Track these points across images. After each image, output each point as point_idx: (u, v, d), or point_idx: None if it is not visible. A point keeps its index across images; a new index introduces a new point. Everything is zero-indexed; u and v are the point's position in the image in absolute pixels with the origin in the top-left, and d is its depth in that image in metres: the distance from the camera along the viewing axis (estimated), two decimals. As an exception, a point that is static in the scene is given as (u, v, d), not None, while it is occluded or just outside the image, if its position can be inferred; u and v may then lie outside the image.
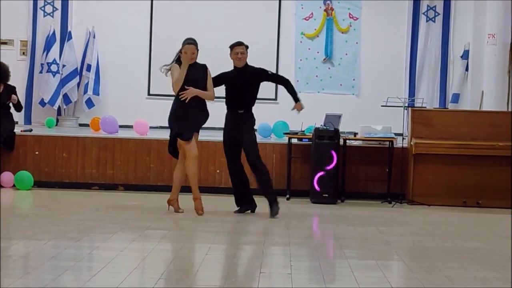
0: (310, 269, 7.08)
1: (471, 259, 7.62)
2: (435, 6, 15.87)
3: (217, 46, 15.64)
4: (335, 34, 16.00)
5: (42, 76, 15.44)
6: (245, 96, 10.06)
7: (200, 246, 7.92)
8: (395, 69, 15.90)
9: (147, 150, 12.22)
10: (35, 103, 15.56)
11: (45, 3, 15.71)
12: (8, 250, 7.31)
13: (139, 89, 15.62)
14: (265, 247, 7.91)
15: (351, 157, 12.03)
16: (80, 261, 6.93)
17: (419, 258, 7.75)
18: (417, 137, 11.75)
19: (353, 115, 14.05)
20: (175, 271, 6.75)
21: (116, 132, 13.20)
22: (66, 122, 15.56)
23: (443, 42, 15.89)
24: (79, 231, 8.35)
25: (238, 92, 10.05)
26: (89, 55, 15.55)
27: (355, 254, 7.77)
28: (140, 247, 7.91)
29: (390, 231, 9.33)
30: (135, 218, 9.52)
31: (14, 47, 15.69)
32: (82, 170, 12.22)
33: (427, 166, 11.69)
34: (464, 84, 15.53)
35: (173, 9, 15.87)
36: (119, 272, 6.42)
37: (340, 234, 9.07)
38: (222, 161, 11.88)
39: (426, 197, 11.66)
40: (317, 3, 16.01)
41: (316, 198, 11.51)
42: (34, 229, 8.43)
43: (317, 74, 15.99)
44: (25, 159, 12.18)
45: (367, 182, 12.10)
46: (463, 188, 11.62)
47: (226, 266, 6.91)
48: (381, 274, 6.82)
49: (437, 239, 8.76)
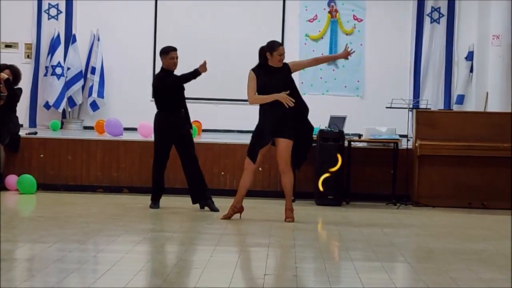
0: (315, 271, 7.07)
1: (476, 261, 7.61)
2: (439, 8, 15.86)
3: (221, 48, 15.74)
4: (340, 35, 15.99)
5: (47, 79, 15.46)
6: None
7: (204, 248, 7.92)
8: (399, 70, 15.89)
9: (152, 152, 12.19)
10: (39, 106, 15.58)
11: (50, 6, 15.72)
12: (13, 253, 7.33)
13: (144, 91, 15.60)
14: (269, 249, 7.90)
15: (356, 159, 12.01)
16: (85, 264, 6.93)
17: (424, 259, 7.74)
18: (422, 139, 11.73)
19: (358, 117, 14.05)
20: (179, 273, 6.75)
21: (121, 135, 13.20)
22: (70, 124, 15.57)
23: (448, 44, 15.87)
24: (84, 234, 8.36)
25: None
26: (94, 58, 15.57)
27: (360, 256, 7.76)
28: (145, 250, 7.92)
29: (395, 233, 9.32)
30: (139, 221, 9.52)
31: (18, 50, 15.71)
32: (87, 172, 12.23)
33: (432, 167, 11.68)
34: (468, 85, 15.52)
35: (177, 12, 15.89)
36: (124, 275, 6.42)
37: (345, 236, 9.06)
38: (227, 163, 11.92)
39: (431, 199, 11.65)
40: (321, 4, 16.01)
41: (321, 200, 11.50)
42: (39, 232, 8.44)
43: (322, 76, 15.98)
44: (30, 162, 12.19)
45: (372, 184, 12.08)
46: (468, 190, 11.60)
47: (231, 269, 6.90)
48: (386, 276, 6.82)
49: (442, 241, 8.74)
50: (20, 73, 12.53)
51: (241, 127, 15.42)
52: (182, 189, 11.12)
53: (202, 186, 10.43)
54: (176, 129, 10.36)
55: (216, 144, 12.17)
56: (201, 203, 10.42)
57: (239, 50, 15.67)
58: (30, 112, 15.55)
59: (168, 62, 10.47)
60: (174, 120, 10.35)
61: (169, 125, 10.36)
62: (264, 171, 11.92)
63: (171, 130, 10.36)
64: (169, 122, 10.35)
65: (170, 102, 10.40)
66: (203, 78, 10.71)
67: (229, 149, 12.08)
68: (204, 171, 10.65)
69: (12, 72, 12.32)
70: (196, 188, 10.41)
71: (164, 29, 15.85)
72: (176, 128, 10.36)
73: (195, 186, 10.41)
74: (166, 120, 10.36)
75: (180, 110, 10.42)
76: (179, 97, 10.46)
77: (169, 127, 10.36)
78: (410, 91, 15.74)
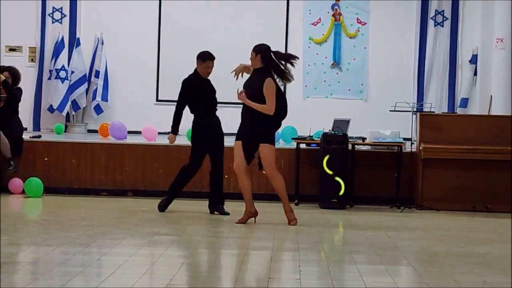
0: (319, 274, 7.07)
1: (480, 264, 7.60)
2: (443, 11, 15.85)
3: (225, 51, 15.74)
4: (343, 39, 15.99)
5: (51, 83, 15.47)
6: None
7: (209, 252, 7.92)
8: (403, 73, 15.88)
9: (156, 156, 12.24)
10: (43, 110, 15.59)
11: (54, 9, 15.74)
12: (17, 256, 7.34)
13: (148, 95, 15.63)
14: (274, 252, 7.90)
15: (360, 162, 12.02)
16: (89, 267, 6.94)
17: (428, 263, 7.74)
18: (426, 142, 11.73)
19: (362, 120, 14.04)
20: (184, 276, 6.75)
21: (125, 138, 13.21)
22: (75, 128, 15.58)
23: (451, 47, 15.86)
24: (88, 237, 8.37)
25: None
26: (98, 61, 15.58)
27: (364, 259, 7.76)
28: (149, 253, 7.92)
29: (399, 236, 9.32)
30: (144, 224, 9.53)
31: (22, 53, 15.73)
32: (91, 176, 12.24)
33: (436, 170, 11.68)
34: (472, 88, 15.50)
35: (181, 15, 15.89)
36: (128, 278, 6.42)
37: (349, 239, 9.06)
38: (231, 166, 11.89)
39: (435, 202, 11.65)
40: (325, 8, 16.00)
41: (325, 203, 11.50)
42: (43, 235, 8.45)
43: (325, 79, 15.98)
44: (34, 165, 12.21)
45: (376, 187, 12.08)
46: (472, 193, 11.60)
47: (235, 272, 6.90)
48: (390, 279, 6.81)
49: (446, 244, 8.74)
50: (19, 74, 12.59)
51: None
52: (188, 192, 11.15)
53: (221, 191, 10.50)
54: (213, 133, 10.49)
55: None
56: (212, 208, 10.44)
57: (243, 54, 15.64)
58: (34, 116, 15.56)
59: (202, 69, 10.50)
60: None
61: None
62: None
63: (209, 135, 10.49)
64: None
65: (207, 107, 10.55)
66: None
67: (232, 152, 12.05)
68: (208, 174, 10.65)
69: (11, 74, 12.37)
70: (215, 194, 10.46)
71: (168, 32, 15.86)
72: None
73: (215, 191, 10.47)
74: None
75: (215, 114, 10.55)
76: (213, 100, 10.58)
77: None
78: (414, 94, 15.72)
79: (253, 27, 15.76)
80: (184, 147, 11.57)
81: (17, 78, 12.51)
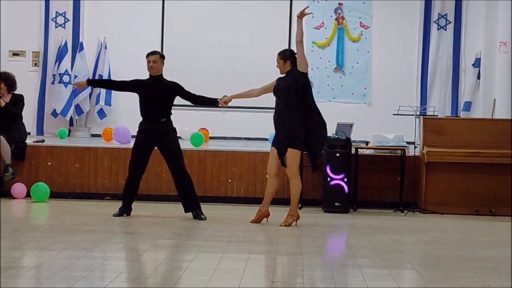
0: (322, 278, 7.07)
1: (484, 268, 7.59)
2: (446, 15, 15.86)
3: (228, 54, 15.77)
4: (346, 43, 16.01)
5: (54, 87, 15.50)
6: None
7: (212, 256, 7.91)
8: (406, 77, 15.90)
9: (159, 160, 12.18)
10: (47, 114, 15.61)
11: (57, 14, 15.77)
12: (21, 261, 7.34)
13: (151, 99, 15.61)
14: (277, 257, 7.90)
15: (363, 166, 12.01)
16: (93, 271, 6.94)
17: (432, 266, 7.73)
18: (429, 146, 11.72)
19: (365, 124, 14.04)
20: (187, 280, 6.75)
21: (128, 143, 13.20)
22: (78, 132, 15.60)
23: (455, 50, 15.87)
24: (91, 242, 8.36)
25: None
26: (101, 66, 15.61)
27: (368, 263, 7.75)
28: (152, 257, 7.92)
29: (403, 240, 9.31)
30: (147, 228, 9.52)
31: (26, 58, 15.76)
32: (94, 180, 12.24)
33: (439, 174, 11.67)
34: (476, 92, 15.51)
35: (184, 19, 15.92)
36: (131, 282, 6.42)
37: (353, 243, 9.05)
38: (234, 170, 11.92)
39: (439, 206, 11.63)
40: (328, 12, 16.02)
41: (328, 207, 11.50)
42: (47, 240, 8.45)
43: (329, 83, 15.99)
44: (38, 170, 12.21)
45: (379, 191, 12.07)
46: (476, 197, 11.58)
47: (238, 276, 6.90)
48: (393, 283, 6.81)
49: (450, 248, 8.73)
50: (14, 78, 12.20)
51: (248, 134, 15.45)
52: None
53: (193, 198, 10.41)
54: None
55: (223, 151, 12.17)
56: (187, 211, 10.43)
57: (246, 57, 15.71)
58: (37, 120, 15.60)
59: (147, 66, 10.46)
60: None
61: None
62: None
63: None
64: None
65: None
66: (210, 86, 10.74)
67: (236, 156, 12.08)
68: (211, 178, 10.65)
69: (3, 80, 12.02)
70: (187, 201, 10.41)
71: (171, 36, 15.88)
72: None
73: (185, 198, 10.43)
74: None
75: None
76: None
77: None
78: (417, 98, 15.74)
79: (256, 31, 15.79)
80: (186, 151, 11.56)
81: (12, 84, 12.15)
